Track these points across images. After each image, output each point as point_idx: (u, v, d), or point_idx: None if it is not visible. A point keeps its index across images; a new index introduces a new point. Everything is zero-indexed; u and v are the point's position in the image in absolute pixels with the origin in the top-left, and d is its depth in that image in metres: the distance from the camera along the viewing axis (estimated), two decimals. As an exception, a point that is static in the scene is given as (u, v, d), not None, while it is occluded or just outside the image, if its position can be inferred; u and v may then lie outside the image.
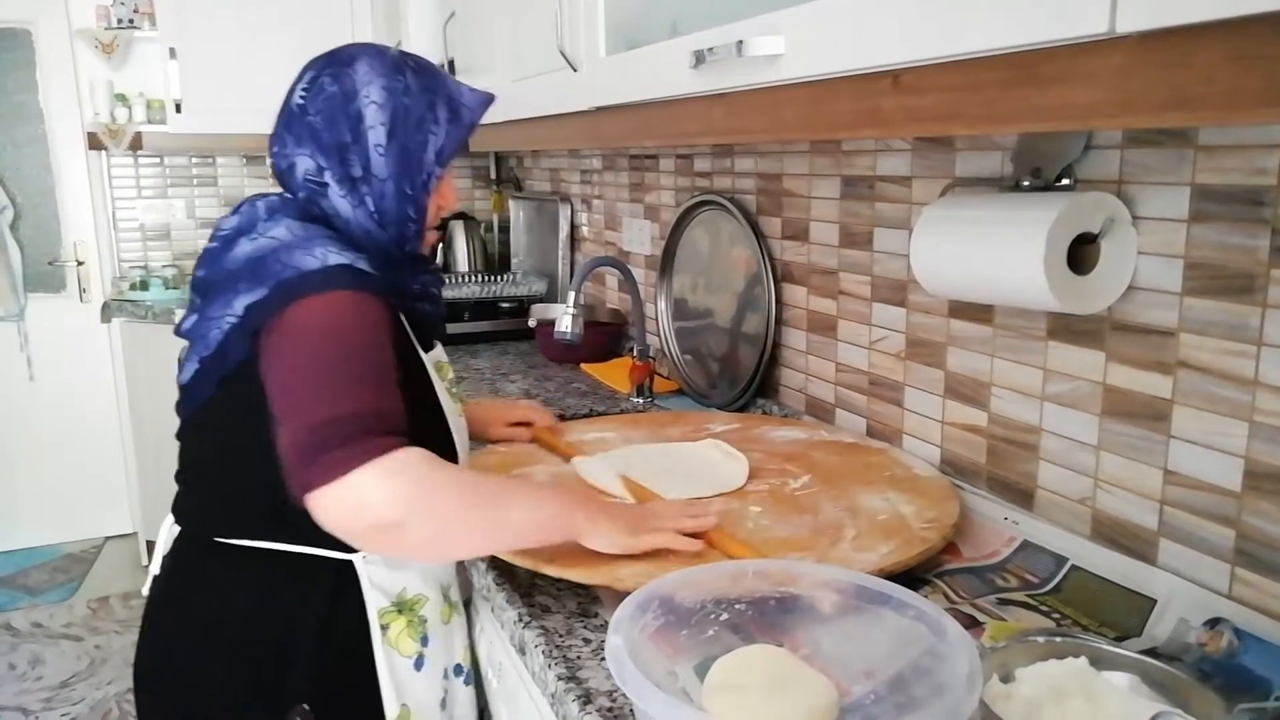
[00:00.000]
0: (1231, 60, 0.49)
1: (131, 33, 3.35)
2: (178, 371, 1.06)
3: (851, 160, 1.38)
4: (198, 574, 1.06)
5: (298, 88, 1.05)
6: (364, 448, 0.85)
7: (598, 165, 2.39)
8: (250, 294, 0.94)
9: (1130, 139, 0.95)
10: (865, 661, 0.77)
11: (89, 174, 3.48)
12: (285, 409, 0.89)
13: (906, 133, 0.75)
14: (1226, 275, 0.87)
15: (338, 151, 1.01)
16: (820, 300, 1.49)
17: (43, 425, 3.56)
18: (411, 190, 1.04)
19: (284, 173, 1.05)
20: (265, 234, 0.99)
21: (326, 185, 1.02)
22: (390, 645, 1.05)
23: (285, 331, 0.92)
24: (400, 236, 1.05)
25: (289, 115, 1.05)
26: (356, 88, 1.02)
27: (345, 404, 0.87)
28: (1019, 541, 1.06)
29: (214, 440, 1.04)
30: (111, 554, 3.60)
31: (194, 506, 1.07)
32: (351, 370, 0.90)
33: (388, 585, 1.05)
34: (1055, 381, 1.06)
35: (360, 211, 1.03)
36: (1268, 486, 0.85)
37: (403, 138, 1.03)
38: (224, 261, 1.01)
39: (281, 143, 1.05)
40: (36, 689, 2.70)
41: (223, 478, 1.04)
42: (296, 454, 0.86)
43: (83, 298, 3.55)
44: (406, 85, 1.04)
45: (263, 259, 0.96)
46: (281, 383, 0.91)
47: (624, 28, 1.27)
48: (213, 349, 0.97)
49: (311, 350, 0.91)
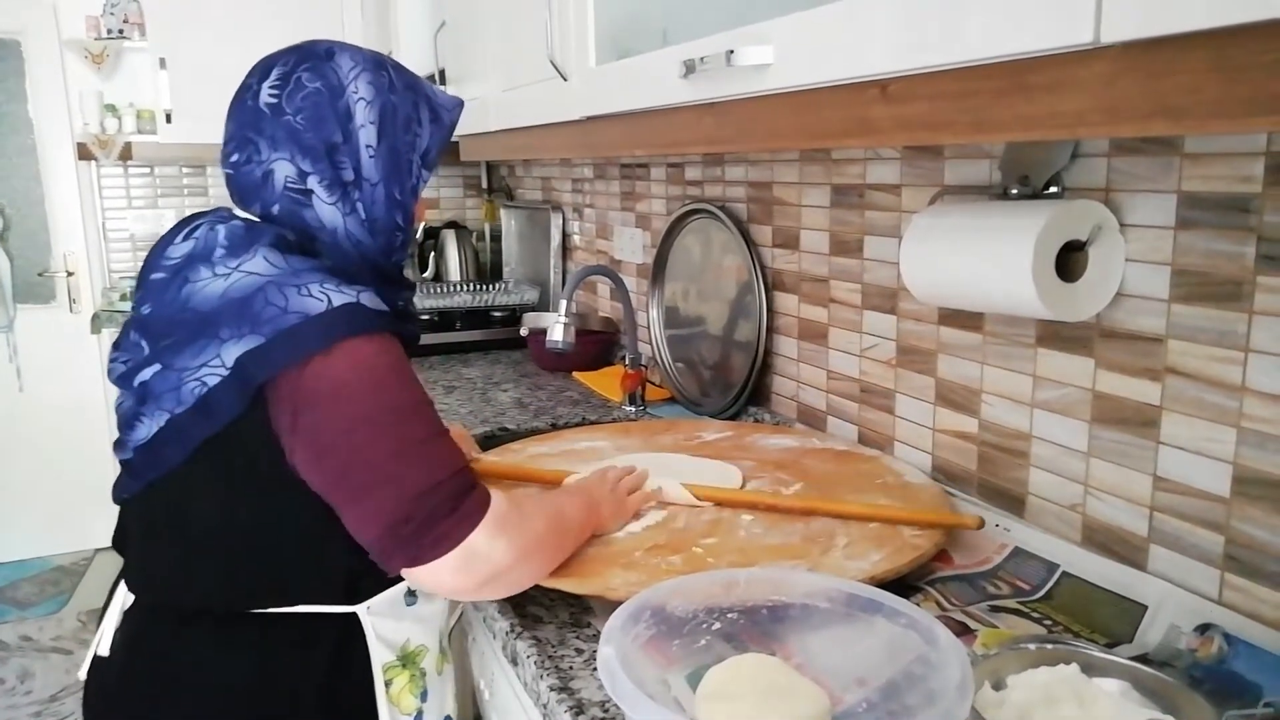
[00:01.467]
0: (1217, 70, 0.49)
1: (121, 43, 3.35)
2: (122, 425, 0.92)
3: (841, 169, 1.39)
4: (173, 651, 0.92)
5: (262, 86, 0.93)
6: (467, 510, 0.85)
7: (589, 174, 2.39)
8: (238, 342, 0.83)
9: (1117, 147, 0.95)
10: (857, 669, 0.77)
11: (79, 184, 3.47)
12: (362, 486, 0.83)
13: (895, 142, 0.75)
14: (1213, 282, 0.87)
15: (327, 154, 0.92)
16: (811, 308, 1.49)
17: (32, 436, 3.54)
18: (400, 195, 0.97)
19: (255, 184, 0.93)
20: (239, 268, 0.86)
21: (311, 192, 0.92)
22: (393, 703, 0.98)
23: (322, 401, 0.83)
24: (388, 246, 0.98)
25: (256, 116, 0.92)
26: (343, 83, 0.93)
27: (434, 472, 0.84)
28: (1010, 548, 1.07)
29: (195, 503, 0.91)
30: (102, 566, 3.58)
31: (164, 576, 0.94)
32: (417, 430, 0.86)
33: (392, 637, 0.98)
34: (1045, 388, 1.07)
35: (351, 220, 0.94)
36: (1256, 492, 0.85)
37: (392, 138, 0.95)
38: (183, 300, 0.87)
39: (250, 148, 0.92)
40: (25, 703, 2.68)
41: (208, 544, 0.91)
42: (403, 531, 0.82)
43: (72, 308, 3.54)
44: (391, 81, 0.96)
45: (247, 300, 0.84)
46: (345, 458, 0.83)
47: (614, 37, 1.28)
48: (189, 405, 0.85)
49: (367, 418, 0.83)
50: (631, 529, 1.08)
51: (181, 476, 0.89)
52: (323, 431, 0.83)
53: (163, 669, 0.92)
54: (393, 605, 0.99)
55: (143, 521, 0.96)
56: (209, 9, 3.07)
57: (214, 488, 0.90)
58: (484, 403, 1.92)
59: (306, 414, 0.83)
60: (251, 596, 0.92)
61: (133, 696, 0.93)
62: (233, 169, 0.94)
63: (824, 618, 0.82)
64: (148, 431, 0.88)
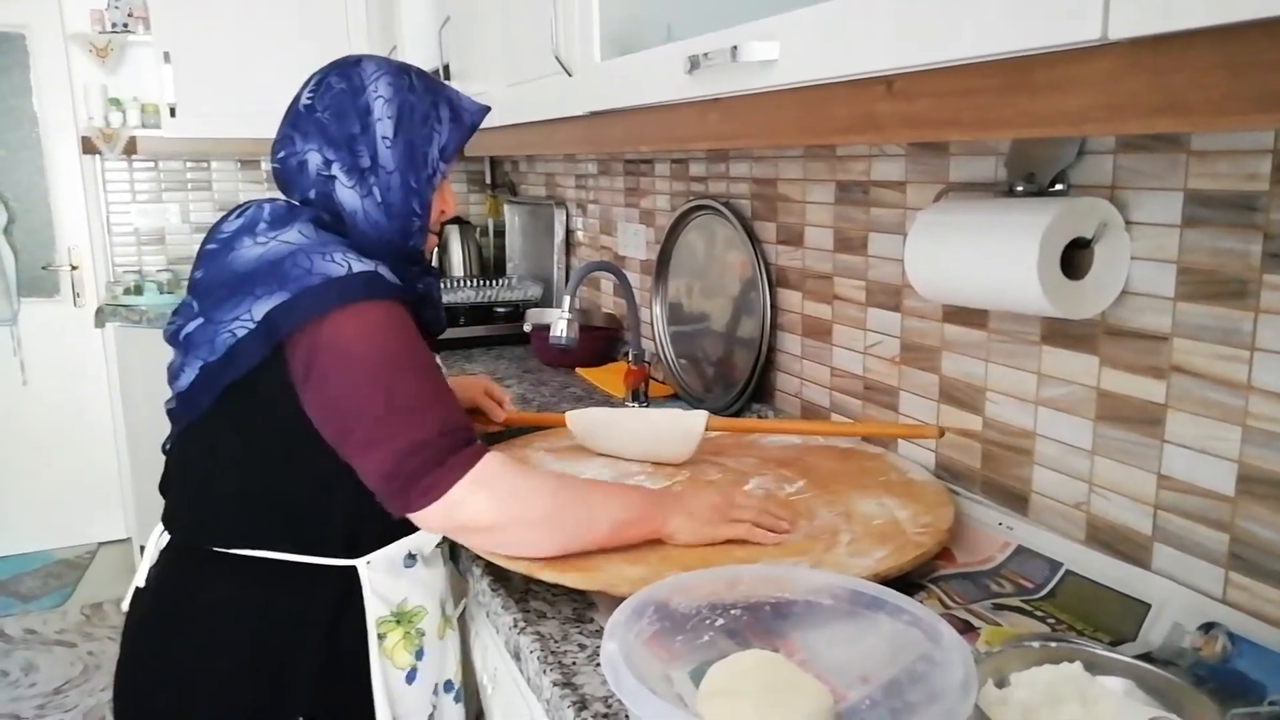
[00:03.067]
0: (1223, 67, 0.49)
1: (126, 37, 3.35)
2: (170, 379, 1.04)
3: (846, 165, 1.38)
4: (195, 586, 1.03)
5: (303, 92, 1.07)
6: (455, 463, 0.94)
7: (593, 170, 2.39)
8: (269, 298, 0.93)
9: (1123, 144, 0.95)
10: (861, 667, 0.77)
11: (83, 178, 3.47)
12: (363, 440, 0.93)
13: (900, 138, 0.75)
14: (1219, 280, 0.87)
15: (346, 143, 1.03)
16: (815, 305, 1.49)
17: (36, 431, 3.55)
18: (416, 184, 1.06)
19: (294, 172, 1.05)
20: (276, 237, 0.99)
21: (334, 178, 1.03)
22: (385, 655, 1.05)
23: (332, 353, 0.93)
24: (405, 229, 1.06)
25: (295, 116, 1.06)
26: (364, 83, 1.05)
27: (428, 425, 0.93)
28: (1014, 547, 1.06)
29: (220, 448, 1.02)
30: (105, 560, 3.59)
31: (193, 516, 1.05)
32: (419, 387, 0.95)
33: (389, 594, 1.05)
34: (1049, 386, 1.07)
35: (368, 201, 1.04)
36: (1261, 491, 0.85)
37: (408, 132, 1.05)
38: (228, 263, 1.00)
39: (289, 143, 1.06)
40: (30, 695, 2.68)
41: (229, 486, 1.02)
42: (395, 482, 0.93)
43: (76, 302, 3.55)
44: (411, 83, 1.07)
45: (279, 261, 0.95)
46: (349, 410, 0.93)
47: (618, 33, 1.27)
48: (220, 354, 0.95)
49: (372, 374, 0.93)
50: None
51: (212, 421, 1.00)
52: (330, 384, 0.93)
53: (184, 603, 1.03)
54: (391, 564, 1.06)
55: (179, 466, 1.07)
56: (213, 4, 3.07)
57: (237, 432, 1.00)
58: (487, 398, 1.92)
59: (317, 367, 0.93)
60: (264, 538, 1.01)
61: (158, 625, 1.04)
62: (279, 163, 1.08)
63: (827, 615, 0.82)
64: (187, 380, 0.99)
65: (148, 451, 3.14)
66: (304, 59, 1.10)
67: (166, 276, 3.39)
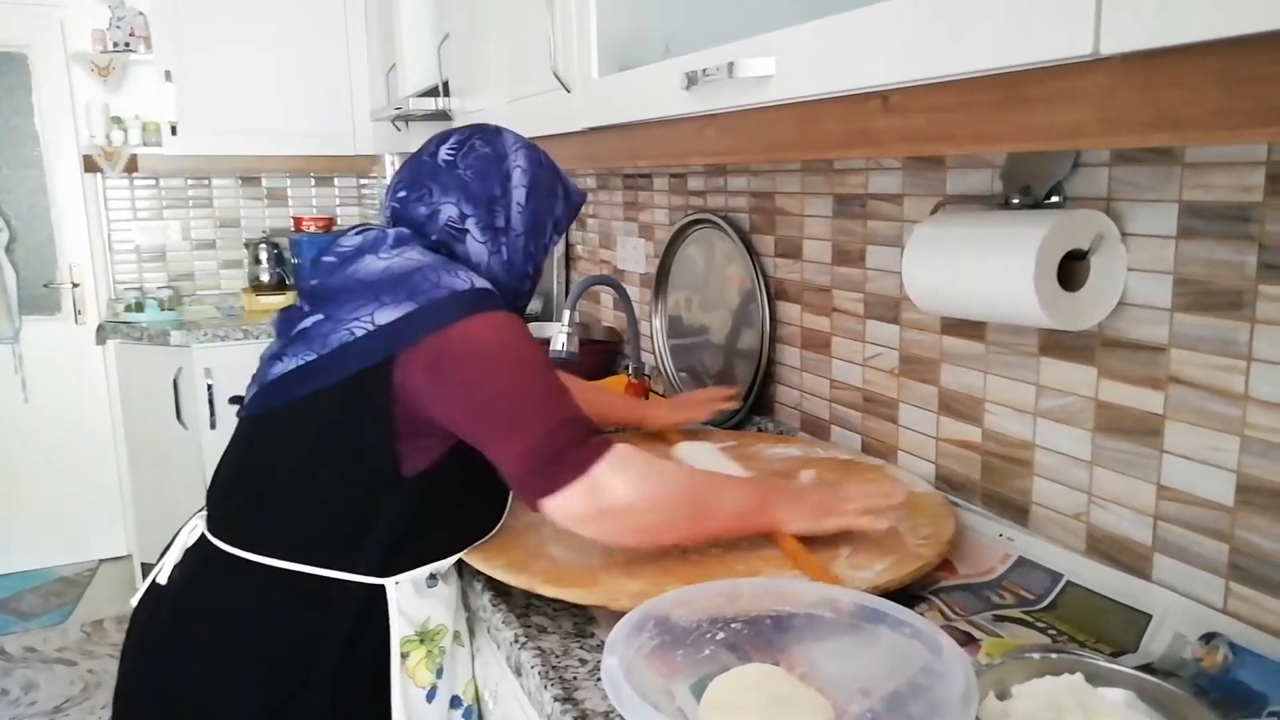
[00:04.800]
0: (1215, 81, 0.50)
1: (127, 56, 3.37)
2: (262, 368, 1.07)
3: (843, 179, 1.39)
4: (219, 592, 1.03)
5: (442, 148, 1.13)
6: (594, 445, 0.96)
7: (592, 184, 2.40)
8: (395, 307, 0.98)
9: (1118, 157, 0.96)
10: (861, 680, 0.77)
11: (84, 196, 3.48)
12: (502, 426, 0.96)
13: (897, 152, 0.76)
14: (1215, 291, 0.87)
15: (487, 203, 1.10)
16: (814, 317, 1.50)
17: (37, 448, 3.55)
18: (535, 249, 1.14)
19: (420, 218, 1.10)
20: (400, 255, 1.04)
21: (467, 232, 1.09)
22: (408, 674, 1.05)
23: (462, 349, 0.97)
24: (519, 288, 1.14)
25: (433, 169, 1.12)
26: (507, 152, 1.13)
27: (561, 412, 0.97)
28: (1014, 558, 1.06)
29: (284, 449, 1.03)
30: (105, 577, 3.58)
31: (238, 516, 1.05)
32: (547, 384, 0.99)
33: (414, 614, 1.05)
34: (1048, 397, 1.07)
35: (495, 259, 1.10)
36: (1260, 501, 0.85)
37: (536, 202, 1.13)
38: (349, 273, 1.04)
39: (422, 190, 1.11)
40: (30, 714, 2.67)
41: (282, 488, 1.03)
42: (535, 461, 0.94)
43: (78, 320, 3.55)
44: (541, 160, 1.16)
45: (407, 275, 1.01)
46: (486, 396, 0.96)
47: (616, 49, 1.28)
48: (330, 349, 0.99)
49: (506, 365, 0.98)
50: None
51: (285, 418, 1.03)
52: (465, 376, 0.97)
53: (208, 608, 1.03)
54: (416, 585, 1.06)
55: (237, 459, 1.08)
56: (214, 23, 3.10)
57: (308, 436, 1.02)
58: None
59: (449, 364, 0.97)
60: (300, 551, 1.01)
61: (179, 626, 1.04)
62: (399, 203, 1.13)
63: (828, 628, 0.82)
64: (284, 367, 1.02)
65: (148, 468, 3.16)
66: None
67: (167, 294, 3.39)
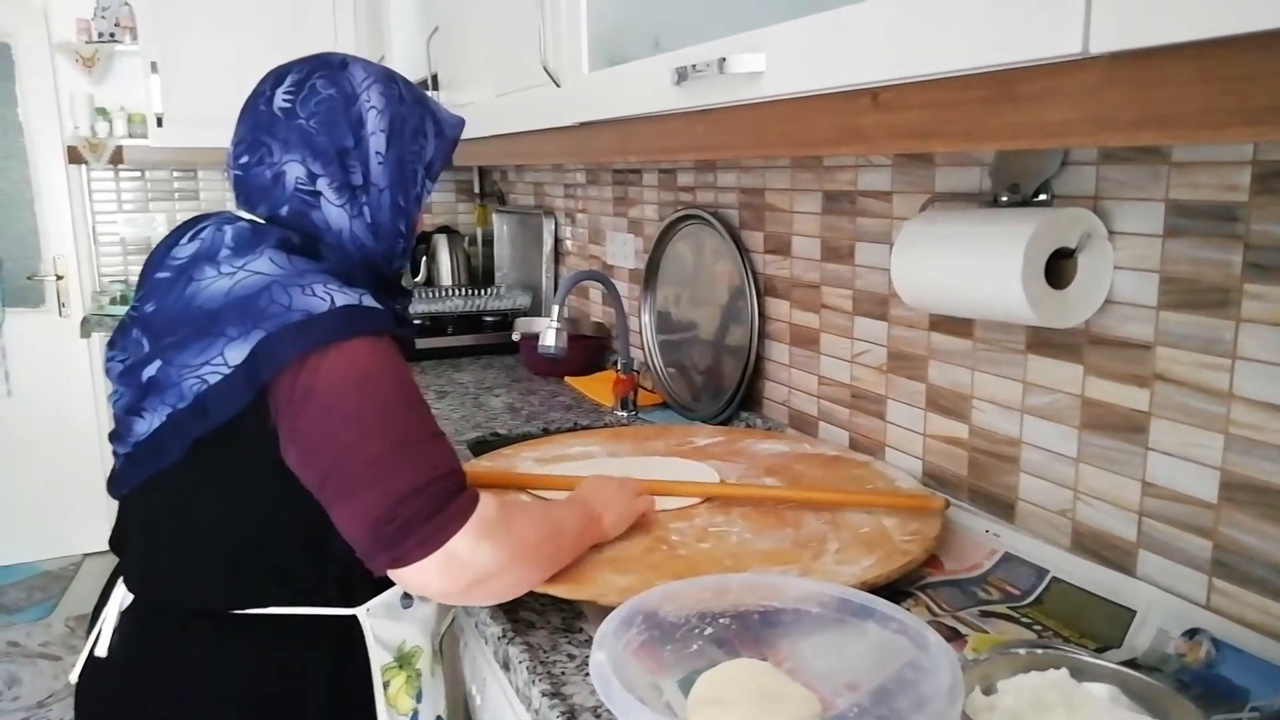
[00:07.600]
0: (1204, 80, 0.50)
1: (112, 46, 3.34)
2: (120, 420, 0.92)
3: (833, 175, 1.39)
4: (176, 651, 0.93)
5: (278, 92, 0.95)
6: (453, 512, 0.84)
7: (581, 179, 2.39)
8: (244, 340, 0.84)
9: (1106, 155, 0.96)
10: (848, 674, 0.77)
11: (69, 188, 3.45)
12: (350, 484, 0.83)
13: (886, 150, 0.76)
14: (1201, 289, 0.88)
15: (338, 157, 0.94)
16: (803, 314, 1.50)
17: (20, 441, 3.52)
18: (405, 203, 0.99)
19: (266, 184, 0.94)
20: (244, 267, 0.88)
21: (320, 194, 0.94)
22: (390, 704, 0.99)
23: (316, 396, 0.83)
24: (390, 251, 1.00)
25: (270, 120, 0.95)
26: (356, 91, 0.95)
27: (420, 471, 0.83)
28: (1000, 554, 1.07)
29: (195, 502, 0.92)
30: (90, 571, 3.56)
31: (166, 576, 0.95)
32: (409, 430, 0.85)
33: (390, 639, 1.00)
34: (1035, 394, 1.07)
35: (358, 223, 0.96)
36: (1243, 497, 0.86)
37: (399, 147, 0.97)
38: (188, 297, 0.89)
39: (263, 150, 0.94)
40: (13, 709, 2.66)
41: (208, 543, 0.92)
42: (385, 530, 0.82)
43: (62, 312, 3.52)
44: (401, 94, 0.99)
45: (252, 297, 0.85)
46: (334, 455, 0.83)
47: (607, 44, 1.28)
48: (189, 402, 0.85)
49: (359, 417, 0.83)
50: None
51: (183, 472, 0.90)
52: (314, 429, 0.84)
53: (167, 669, 0.93)
54: (389, 608, 1.00)
55: (144, 519, 0.96)
56: (200, 13, 3.07)
57: (215, 484, 0.90)
58: (475, 408, 1.92)
59: (301, 411, 0.84)
60: (253, 594, 0.93)
61: (136, 698, 0.93)
62: (242, 170, 0.96)
63: (815, 623, 0.82)
64: (148, 426, 0.89)
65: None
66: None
67: (153, 286, 3.37)
